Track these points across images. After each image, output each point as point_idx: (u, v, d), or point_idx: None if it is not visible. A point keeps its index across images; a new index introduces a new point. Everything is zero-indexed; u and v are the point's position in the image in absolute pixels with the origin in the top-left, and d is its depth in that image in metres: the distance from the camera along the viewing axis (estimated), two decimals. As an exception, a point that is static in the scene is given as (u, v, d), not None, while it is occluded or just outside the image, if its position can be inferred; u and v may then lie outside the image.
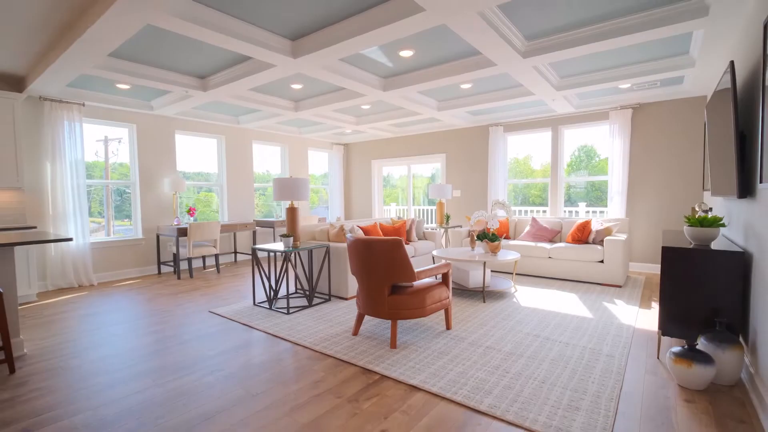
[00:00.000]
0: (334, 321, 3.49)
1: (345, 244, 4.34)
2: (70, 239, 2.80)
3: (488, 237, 4.38)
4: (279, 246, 3.99)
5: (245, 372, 2.54)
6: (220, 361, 2.70)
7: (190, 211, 6.01)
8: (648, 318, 3.50)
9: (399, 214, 8.98)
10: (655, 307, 3.83)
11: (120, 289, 4.91)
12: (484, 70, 3.97)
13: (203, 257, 6.37)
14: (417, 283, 3.06)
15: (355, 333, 3.13)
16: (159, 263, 5.85)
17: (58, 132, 4.84)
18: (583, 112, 5.91)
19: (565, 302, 3.99)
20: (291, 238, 3.94)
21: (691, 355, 2.21)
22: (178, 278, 5.48)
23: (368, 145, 8.80)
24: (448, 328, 3.24)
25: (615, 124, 5.61)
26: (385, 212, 9.19)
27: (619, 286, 4.60)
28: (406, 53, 3.78)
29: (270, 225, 6.92)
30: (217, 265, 5.90)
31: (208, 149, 6.82)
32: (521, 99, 5.14)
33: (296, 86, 4.83)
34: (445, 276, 3.22)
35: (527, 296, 4.24)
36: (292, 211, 4.10)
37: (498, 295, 4.26)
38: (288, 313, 3.70)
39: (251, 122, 6.56)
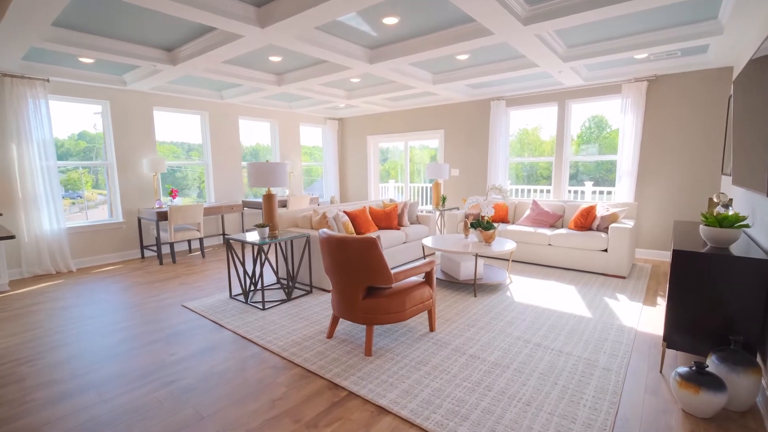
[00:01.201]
0: (310, 319, 3.25)
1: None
2: (12, 237, 2.53)
3: (482, 225, 4.05)
4: (254, 236, 3.71)
5: (203, 384, 2.32)
6: (179, 370, 2.48)
7: (172, 193, 5.73)
8: (652, 318, 3.21)
9: (398, 193, 8.64)
10: (661, 303, 3.53)
11: (98, 276, 4.72)
12: (481, 40, 3.51)
13: (188, 241, 6.15)
14: (396, 284, 2.77)
15: (330, 336, 2.89)
16: (142, 247, 5.64)
17: (21, 111, 4.50)
18: (592, 84, 5.40)
19: (563, 297, 3.70)
20: (266, 228, 3.65)
21: (699, 379, 1.93)
22: (161, 264, 5.28)
23: (363, 120, 8.34)
24: (431, 330, 2.98)
25: (627, 98, 5.11)
26: (383, 190, 8.85)
27: (623, 278, 4.29)
28: (390, 20, 3.33)
29: (259, 206, 6.63)
30: (202, 249, 5.68)
31: (192, 125, 6.44)
32: (524, 71, 4.65)
33: (275, 59, 4.39)
34: (428, 275, 2.93)
35: (523, 289, 3.96)
36: (268, 199, 3.79)
37: (491, 288, 3.98)
38: (263, 309, 3.47)
39: (235, 97, 6.14)
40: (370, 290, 2.70)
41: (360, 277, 2.56)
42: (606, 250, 4.39)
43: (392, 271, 2.62)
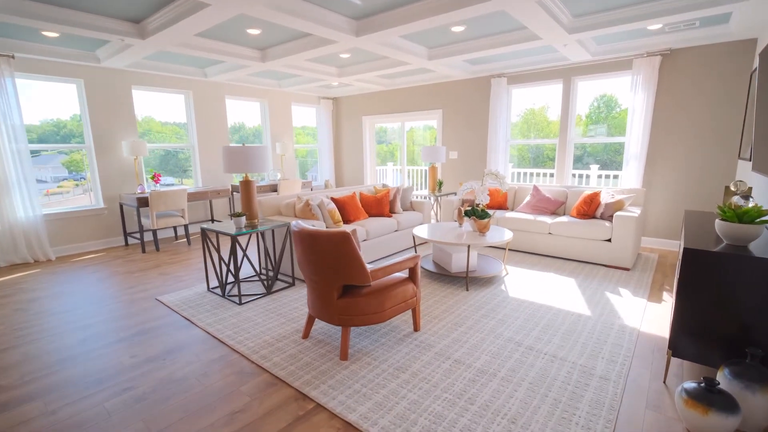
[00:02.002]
0: (288, 315, 3.05)
1: (317, 222, 3.81)
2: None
3: (477, 213, 3.78)
4: (230, 226, 3.46)
5: (158, 393, 2.12)
6: (136, 375, 2.29)
7: (155, 178, 5.48)
8: (657, 316, 2.96)
9: (399, 175, 8.34)
10: (667, 300, 3.28)
11: (77, 266, 4.54)
12: (476, 7, 3.15)
13: (174, 227, 5.94)
14: (375, 282, 2.53)
15: (305, 336, 2.68)
16: (125, 234, 5.44)
17: (-14, 90, 4.22)
18: (600, 60, 4.99)
19: (562, 291, 3.46)
20: (243, 218, 3.40)
21: (709, 398, 1.69)
22: (143, 252, 5.08)
23: (358, 100, 7.96)
24: (415, 329, 2.76)
25: (639, 75, 4.72)
26: (381, 174, 8.55)
27: (627, 269, 4.03)
28: (373, -15, 2.97)
29: (247, 191, 6.37)
30: (188, 236, 5.47)
31: (176, 105, 6.13)
32: (526, 45, 4.27)
33: (253, 31, 4.04)
34: (412, 271, 2.68)
35: (519, 282, 3.71)
36: (246, 185, 3.54)
37: (485, 282, 3.74)
38: (240, 304, 3.26)
39: (219, 74, 5.80)
40: (346, 289, 2.47)
41: (333, 275, 2.32)
42: (610, 240, 4.11)
43: (372, 268, 2.38)
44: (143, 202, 4.97)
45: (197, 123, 6.17)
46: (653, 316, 2.97)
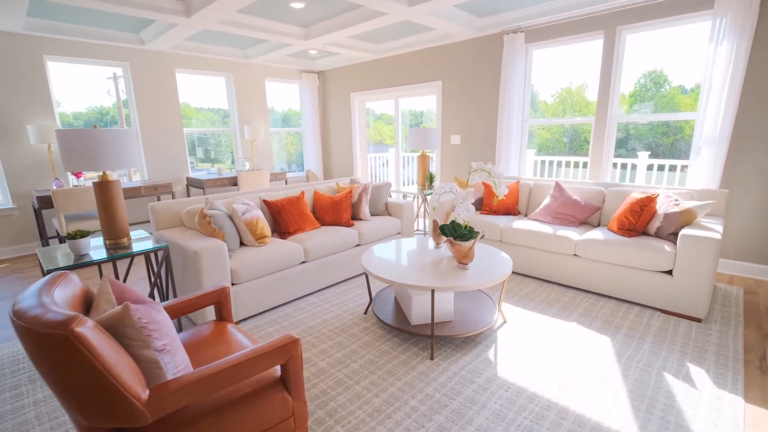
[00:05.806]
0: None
1: (214, 242, 2.60)
2: None
3: (456, 232, 2.43)
4: (64, 252, 2.30)
5: None
6: None
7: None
8: (773, 451, 1.55)
9: (400, 164, 6.99)
10: (784, 403, 1.83)
11: (-44, 284, 3.60)
12: None
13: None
14: (190, 406, 1.28)
15: (99, 475, 1.49)
16: (42, 240, 4.47)
17: None
18: (664, -3, 3.39)
19: (588, 365, 2.08)
20: (83, 240, 2.23)
21: None
22: (51, 264, 4.09)
23: (345, 72, 6.59)
24: (301, 468, 1.51)
25: (724, 17, 3.11)
26: (379, 162, 7.22)
27: (699, 321, 2.57)
28: None
29: (200, 185, 5.28)
30: (114, 243, 4.43)
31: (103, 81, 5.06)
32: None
33: (136, -38, 2.80)
34: (286, 369, 1.40)
35: (520, 341, 2.36)
36: (102, 188, 2.37)
37: (463, 343, 2.41)
38: (72, 375, 2.13)
39: (156, 40, 4.62)
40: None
41: (71, 408, 1.10)
42: (670, 273, 2.65)
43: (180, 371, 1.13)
44: (46, 202, 3.95)
45: (137, 102, 5.06)
46: (765, 447, 1.57)
